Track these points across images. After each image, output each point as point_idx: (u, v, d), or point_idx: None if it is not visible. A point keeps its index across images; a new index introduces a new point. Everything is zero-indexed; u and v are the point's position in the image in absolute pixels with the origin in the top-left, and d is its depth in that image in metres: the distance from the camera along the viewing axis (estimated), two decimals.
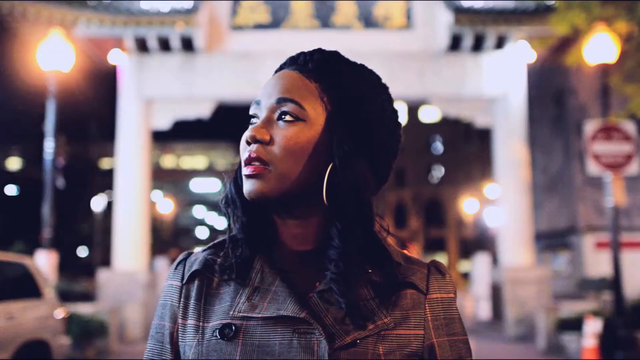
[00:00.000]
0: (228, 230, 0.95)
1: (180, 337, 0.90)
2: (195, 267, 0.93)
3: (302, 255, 0.91)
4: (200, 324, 0.88)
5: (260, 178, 0.86)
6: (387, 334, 0.85)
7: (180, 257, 0.97)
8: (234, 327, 0.85)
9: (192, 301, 0.91)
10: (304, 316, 0.83)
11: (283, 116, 0.88)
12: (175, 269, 0.95)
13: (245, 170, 0.87)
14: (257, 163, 0.86)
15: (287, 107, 0.88)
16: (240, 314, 0.85)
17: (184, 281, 0.93)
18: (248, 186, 0.87)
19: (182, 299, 0.92)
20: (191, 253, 0.97)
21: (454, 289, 0.93)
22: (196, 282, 0.92)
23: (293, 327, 0.83)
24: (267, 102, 0.90)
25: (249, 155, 0.87)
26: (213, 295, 0.90)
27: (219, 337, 0.85)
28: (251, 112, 0.92)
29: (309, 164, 0.87)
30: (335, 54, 0.95)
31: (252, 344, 0.83)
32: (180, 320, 0.91)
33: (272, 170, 0.86)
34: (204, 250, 0.95)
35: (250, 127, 0.90)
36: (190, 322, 0.89)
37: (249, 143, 0.88)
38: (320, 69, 0.92)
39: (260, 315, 0.84)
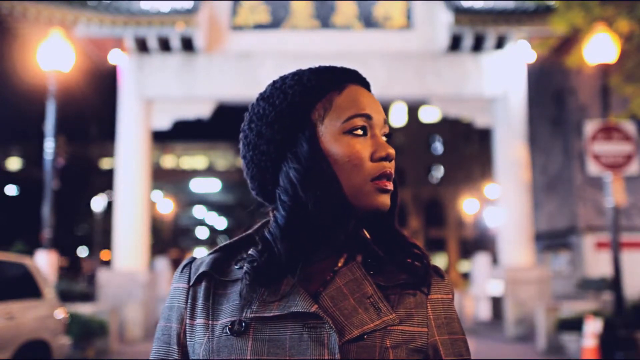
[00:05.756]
0: (263, 242, 0.92)
1: (188, 337, 0.92)
2: (202, 268, 0.94)
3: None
4: (210, 322, 0.90)
5: (389, 193, 0.95)
6: (393, 330, 0.88)
7: (186, 261, 0.98)
8: (243, 324, 0.86)
9: (200, 301, 0.92)
10: (314, 310, 0.85)
11: (384, 135, 0.96)
12: (182, 272, 0.97)
13: (387, 185, 0.94)
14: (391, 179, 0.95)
15: (388, 128, 0.98)
16: (253, 315, 0.87)
17: (191, 283, 0.94)
18: (384, 200, 0.94)
19: (189, 300, 0.93)
20: (195, 258, 0.99)
21: (452, 291, 0.98)
22: (203, 284, 0.93)
23: (303, 321, 0.85)
24: (378, 121, 0.95)
25: (388, 172, 0.94)
26: (221, 295, 0.92)
27: (229, 333, 0.87)
28: (358, 123, 0.93)
29: None
30: None
31: (262, 339, 0.85)
32: (187, 321, 0.92)
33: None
34: (210, 254, 0.97)
35: (379, 144, 0.93)
36: (199, 321, 0.91)
37: (383, 159, 0.92)
38: None
39: (271, 315, 0.86)
